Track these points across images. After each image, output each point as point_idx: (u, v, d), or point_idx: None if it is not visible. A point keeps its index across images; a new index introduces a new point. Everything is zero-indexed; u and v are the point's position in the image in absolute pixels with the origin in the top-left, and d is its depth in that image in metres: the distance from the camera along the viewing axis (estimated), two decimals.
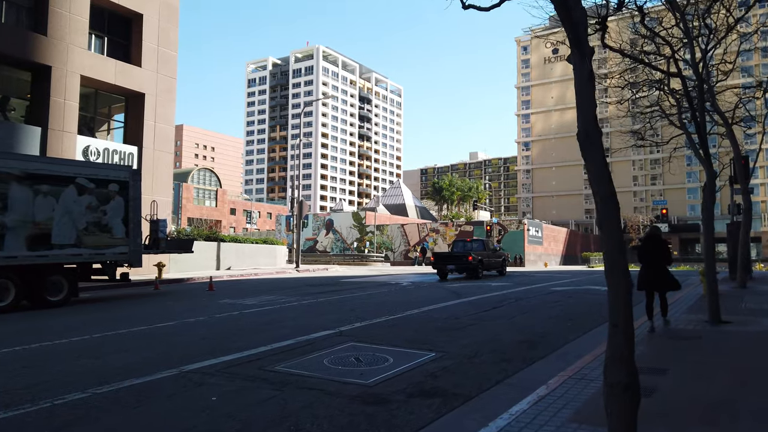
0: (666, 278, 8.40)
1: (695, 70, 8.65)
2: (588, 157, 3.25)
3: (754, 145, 54.00)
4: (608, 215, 3.19)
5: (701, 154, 8.58)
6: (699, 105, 8.47)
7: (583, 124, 3.22)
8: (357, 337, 8.15)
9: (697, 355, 6.30)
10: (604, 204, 3.20)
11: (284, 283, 19.85)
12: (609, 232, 3.19)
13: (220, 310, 11.44)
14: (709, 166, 8.44)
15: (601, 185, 3.23)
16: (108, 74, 21.65)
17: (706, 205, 8.55)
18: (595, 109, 3.25)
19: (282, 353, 7.07)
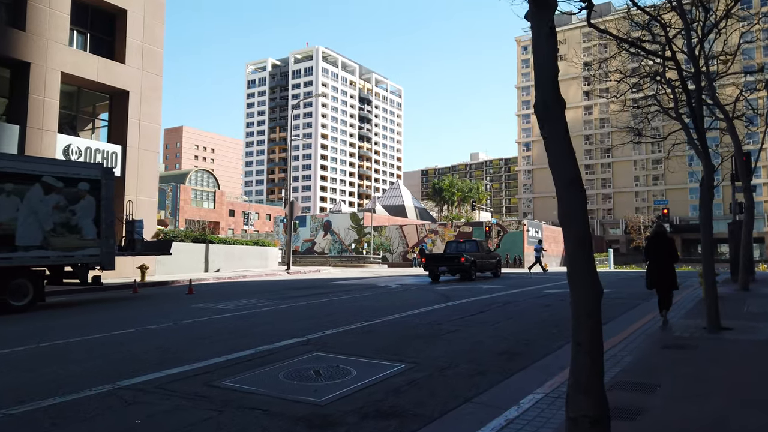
0: (669, 277, 8.59)
1: (692, 55, 8.00)
2: (547, 132, 2.62)
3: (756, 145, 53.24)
4: (571, 205, 2.57)
5: (698, 147, 7.91)
6: (696, 93, 7.82)
7: (542, 93, 2.59)
8: (325, 346, 7.51)
9: (692, 368, 5.64)
10: (567, 191, 2.58)
11: (270, 285, 19.21)
12: (572, 226, 2.57)
13: (191, 315, 10.81)
14: (706, 159, 7.78)
15: (563, 168, 2.60)
16: (90, 71, 21.05)
17: (704, 202, 7.89)
18: (556, 75, 2.62)
19: (237, 365, 6.44)
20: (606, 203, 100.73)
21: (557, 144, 2.61)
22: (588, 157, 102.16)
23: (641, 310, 11.16)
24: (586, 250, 2.53)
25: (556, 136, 2.60)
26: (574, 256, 2.57)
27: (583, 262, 2.52)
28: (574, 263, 2.54)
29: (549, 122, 2.62)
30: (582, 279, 2.53)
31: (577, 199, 2.57)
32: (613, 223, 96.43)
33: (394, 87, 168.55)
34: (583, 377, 2.59)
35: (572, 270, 2.56)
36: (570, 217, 2.55)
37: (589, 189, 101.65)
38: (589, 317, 2.53)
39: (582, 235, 2.53)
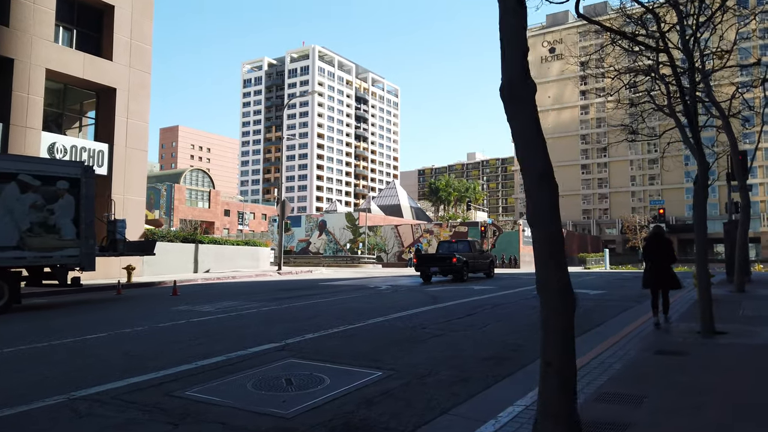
0: (668, 277, 8.68)
1: (686, 49, 7.68)
2: (514, 119, 2.29)
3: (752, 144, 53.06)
4: (542, 202, 2.25)
5: (692, 144, 7.60)
6: (690, 89, 7.51)
7: (508, 74, 2.27)
8: (301, 351, 7.17)
9: (684, 377, 5.31)
10: (537, 186, 2.26)
11: (259, 286, 18.86)
12: (542, 227, 2.25)
13: (169, 318, 10.45)
14: (701, 156, 7.46)
15: (532, 160, 2.28)
16: (76, 68, 20.66)
17: (698, 201, 7.57)
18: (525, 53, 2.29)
19: (205, 372, 6.10)
20: (602, 203, 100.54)
21: (526, 132, 2.29)
22: (584, 156, 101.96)
23: (634, 313, 10.86)
24: (558, 255, 2.21)
25: (524, 124, 2.28)
26: (543, 262, 2.25)
27: (554, 268, 2.20)
28: (543, 270, 2.22)
29: (516, 107, 2.30)
30: (553, 289, 2.21)
31: (548, 195, 2.25)
32: (610, 223, 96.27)
33: (390, 86, 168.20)
34: (553, 401, 2.27)
35: (542, 278, 2.24)
36: (540, 216, 2.23)
37: (586, 189, 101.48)
38: (561, 333, 2.21)
39: (553, 237, 2.21)
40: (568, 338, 2.24)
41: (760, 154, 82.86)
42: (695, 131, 7.42)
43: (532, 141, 2.29)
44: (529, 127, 2.31)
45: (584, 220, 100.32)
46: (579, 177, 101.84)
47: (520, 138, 2.32)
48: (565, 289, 2.25)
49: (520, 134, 2.32)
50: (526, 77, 2.30)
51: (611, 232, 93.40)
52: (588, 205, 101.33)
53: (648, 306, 12.10)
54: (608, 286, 19.48)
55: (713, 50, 12.76)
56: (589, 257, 57.20)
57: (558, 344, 2.22)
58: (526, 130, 2.31)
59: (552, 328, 2.22)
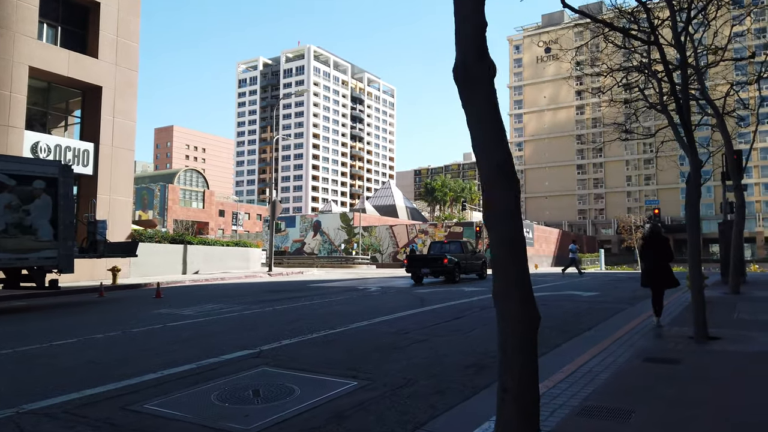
0: (665, 276, 8.72)
1: (678, 42, 7.37)
2: (470, 102, 1.96)
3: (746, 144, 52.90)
4: (499, 197, 1.92)
5: (685, 141, 7.29)
6: (682, 84, 7.20)
7: (463, 51, 1.94)
8: (276, 358, 6.84)
9: (675, 389, 4.99)
10: (493, 178, 1.93)
11: (246, 288, 18.50)
12: (498, 225, 1.93)
13: (146, 322, 10.09)
14: (693, 154, 7.15)
15: (488, 148, 1.96)
16: (60, 66, 20.26)
17: (691, 200, 7.25)
18: (483, 28, 1.96)
19: (170, 383, 5.76)
20: (598, 203, 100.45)
21: (482, 119, 1.97)
22: (580, 156, 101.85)
23: (626, 316, 10.55)
24: (519, 262, 1.88)
25: (480, 107, 1.96)
26: (502, 270, 1.92)
27: (514, 278, 1.88)
28: (502, 279, 1.90)
29: (471, 91, 1.98)
30: (512, 302, 1.89)
31: (507, 192, 1.93)
32: (605, 223, 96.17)
33: (386, 86, 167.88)
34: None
35: (499, 289, 1.91)
36: (497, 216, 1.91)
37: (581, 189, 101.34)
38: (520, 352, 1.89)
39: (511, 238, 1.89)
40: (529, 359, 1.92)
41: (755, 154, 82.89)
42: (687, 128, 7.11)
43: (489, 129, 1.98)
44: (487, 112, 1.99)
45: (580, 221, 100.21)
46: (575, 177, 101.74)
47: (476, 125, 2.00)
48: (526, 303, 1.93)
49: (475, 121, 2.00)
50: (482, 56, 1.98)
51: (607, 233, 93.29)
52: (584, 206, 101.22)
53: (640, 308, 11.84)
54: (602, 287, 19.18)
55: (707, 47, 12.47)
56: (584, 257, 56.99)
57: (516, 366, 1.90)
58: (483, 116, 1.99)
59: (510, 347, 1.90)
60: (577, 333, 8.81)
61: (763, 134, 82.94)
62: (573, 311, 11.67)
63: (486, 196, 2.00)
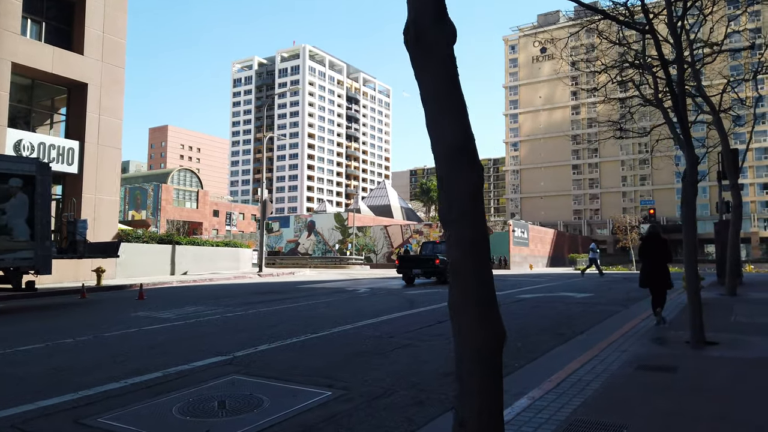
0: (663, 276, 8.84)
1: (673, 32, 7.03)
2: (424, 70, 1.60)
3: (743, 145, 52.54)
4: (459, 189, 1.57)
5: (680, 136, 6.95)
6: (678, 75, 6.86)
7: (416, 11, 1.58)
8: (250, 366, 6.46)
9: (670, 401, 4.64)
10: (450, 164, 1.58)
11: (233, 289, 18.11)
12: (460, 224, 1.57)
13: (122, 326, 9.70)
14: (689, 149, 6.81)
15: (448, 128, 1.60)
16: (45, 62, 19.82)
17: (687, 198, 6.91)
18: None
19: (131, 393, 5.38)
20: (593, 203, 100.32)
21: (437, 89, 1.62)
22: (575, 157, 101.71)
23: (620, 319, 10.21)
24: (482, 267, 1.53)
25: (436, 78, 1.61)
26: (459, 274, 1.58)
27: (473, 284, 1.53)
28: (459, 285, 1.55)
29: (425, 58, 1.63)
30: (469, 313, 1.53)
31: (466, 179, 1.58)
32: (601, 223, 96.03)
33: (382, 86, 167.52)
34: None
35: (456, 297, 1.56)
36: (456, 210, 1.56)
37: (577, 189, 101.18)
38: (480, 379, 1.53)
39: (472, 238, 1.54)
40: (491, 387, 1.56)
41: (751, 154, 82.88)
42: (683, 122, 6.77)
43: (447, 105, 1.63)
44: (444, 84, 1.64)
45: (575, 221, 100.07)
46: (570, 177, 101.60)
47: (431, 100, 1.65)
48: (488, 318, 1.57)
49: (430, 95, 1.65)
50: (440, 17, 1.62)
51: (602, 233, 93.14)
52: (579, 206, 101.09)
53: (635, 310, 11.52)
54: (596, 288, 18.87)
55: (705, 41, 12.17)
56: (579, 258, 56.75)
57: (476, 396, 1.54)
58: (439, 88, 1.64)
59: (468, 372, 1.55)
60: (569, 337, 8.47)
61: (758, 134, 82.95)
62: (566, 313, 11.33)
63: (442, 185, 1.66)
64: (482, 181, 1.71)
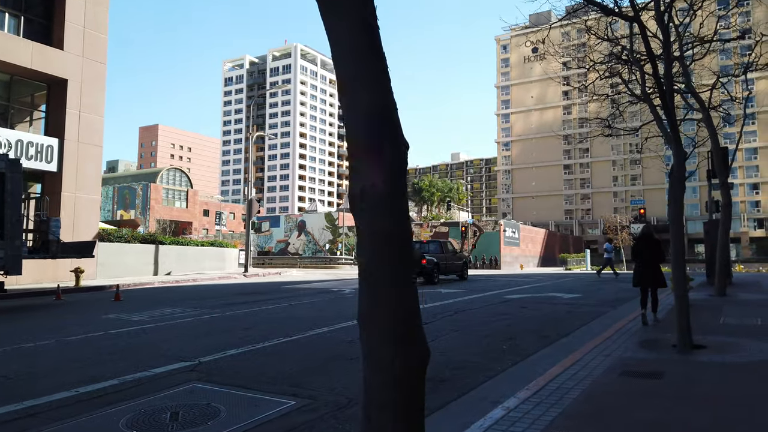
0: (656, 276, 9.04)
1: (661, 22, 6.73)
2: (336, 22, 1.27)
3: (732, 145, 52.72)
4: (375, 168, 1.23)
5: (667, 130, 6.66)
6: (665, 66, 6.56)
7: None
8: (214, 372, 6.10)
9: (654, 410, 4.32)
10: (371, 136, 1.24)
11: (215, 290, 17.70)
12: (374, 213, 1.24)
13: (88, 329, 9.29)
14: (677, 143, 6.52)
15: (364, 89, 1.25)
16: (23, 57, 19.31)
17: (674, 196, 6.61)
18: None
19: (79, 403, 5.01)
20: (585, 203, 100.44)
21: (352, 46, 1.29)
22: (567, 157, 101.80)
23: (607, 320, 9.92)
24: (398, 266, 1.20)
25: (350, 31, 1.28)
26: (371, 277, 1.25)
27: (389, 291, 1.20)
28: (370, 293, 1.23)
29: (337, 6, 1.29)
30: (386, 327, 1.20)
31: (385, 156, 1.25)
32: (592, 223, 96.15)
33: None
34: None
35: (365, 307, 1.23)
36: (367, 193, 1.22)
37: (568, 189, 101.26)
38: (393, 415, 1.18)
39: (390, 232, 1.21)
40: (410, 425, 1.22)
41: (740, 154, 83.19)
42: (671, 116, 6.48)
43: (363, 64, 1.30)
44: (359, 37, 1.31)
45: (567, 221, 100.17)
46: (561, 177, 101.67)
47: (344, 58, 1.32)
48: (407, 337, 1.23)
49: (344, 53, 1.33)
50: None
51: (593, 233, 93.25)
52: (570, 206, 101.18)
53: (622, 311, 11.24)
54: (584, 288, 18.61)
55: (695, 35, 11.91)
56: (570, 258, 56.68)
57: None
58: (354, 45, 1.31)
59: (378, 408, 1.21)
60: (554, 339, 8.17)
61: (747, 134, 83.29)
62: (552, 315, 11.03)
63: (353, 164, 1.33)
64: (405, 161, 1.39)
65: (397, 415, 1.24)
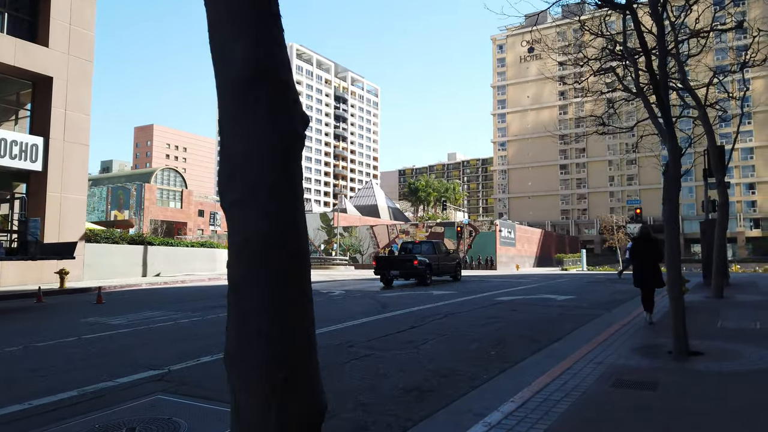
0: (654, 276, 9.06)
1: (654, 11, 6.40)
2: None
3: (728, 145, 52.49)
4: (251, 144, 0.89)
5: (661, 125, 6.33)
6: (659, 58, 6.24)
7: None
8: (182, 382, 5.75)
9: (647, 425, 3.99)
10: (240, 104, 0.89)
11: (201, 292, 17.33)
12: (250, 209, 0.90)
13: (61, 333, 8.92)
14: (672, 138, 6.19)
15: (237, 38, 0.91)
16: (6, 54, 18.90)
17: (669, 193, 6.29)
18: None
19: (32, 417, 4.66)
20: (581, 203, 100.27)
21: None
22: (563, 156, 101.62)
23: (600, 324, 9.60)
24: (283, 283, 0.87)
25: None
26: (243, 298, 0.91)
27: (270, 316, 0.85)
28: (241, 318, 0.89)
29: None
30: (260, 369, 0.86)
31: (266, 129, 0.92)
32: (588, 223, 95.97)
33: (370, 86, 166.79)
34: None
35: (234, 339, 0.90)
36: (237, 178, 0.90)
37: (564, 189, 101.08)
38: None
39: (268, 235, 0.87)
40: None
41: (736, 154, 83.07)
42: (665, 111, 6.15)
43: (233, 7, 0.97)
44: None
45: (563, 221, 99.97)
46: (558, 177, 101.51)
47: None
48: (296, 378, 0.89)
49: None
50: None
51: (590, 233, 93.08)
52: (567, 206, 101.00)
53: (617, 314, 10.93)
54: (579, 290, 18.30)
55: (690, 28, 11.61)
56: (566, 258, 56.43)
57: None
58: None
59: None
60: (544, 344, 7.85)
61: (743, 134, 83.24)
62: (544, 318, 10.70)
63: (224, 140, 1.01)
64: (297, 138, 1.06)
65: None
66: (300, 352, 1.06)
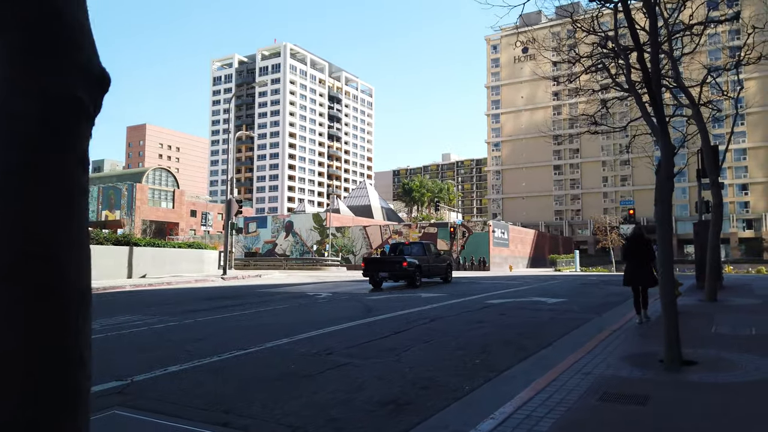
0: (647, 275, 9.14)
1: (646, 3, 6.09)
2: None
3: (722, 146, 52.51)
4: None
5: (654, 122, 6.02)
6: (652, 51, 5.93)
7: None
8: (143, 395, 5.38)
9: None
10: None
11: (186, 294, 16.93)
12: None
13: None
14: (664, 138, 5.88)
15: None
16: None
17: (662, 194, 5.97)
18: None
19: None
20: (575, 204, 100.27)
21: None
22: (557, 157, 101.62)
23: (591, 329, 9.27)
24: (39, 327, 0.59)
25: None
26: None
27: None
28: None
29: None
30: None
31: (27, 82, 0.59)
32: (582, 223, 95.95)
33: (364, 86, 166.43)
34: None
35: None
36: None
37: (558, 189, 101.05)
38: None
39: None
40: None
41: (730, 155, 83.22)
42: (657, 108, 5.84)
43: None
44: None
45: (557, 221, 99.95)
46: (551, 178, 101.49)
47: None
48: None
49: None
50: None
51: (583, 233, 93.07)
52: (560, 206, 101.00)
53: (608, 318, 10.63)
54: (571, 292, 18.01)
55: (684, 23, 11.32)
56: (559, 258, 56.28)
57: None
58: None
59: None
60: (532, 351, 7.52)
61: (736, 135, 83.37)
62: (533, 322, 10.38)
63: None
64: (75, 101, 0.73)
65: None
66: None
